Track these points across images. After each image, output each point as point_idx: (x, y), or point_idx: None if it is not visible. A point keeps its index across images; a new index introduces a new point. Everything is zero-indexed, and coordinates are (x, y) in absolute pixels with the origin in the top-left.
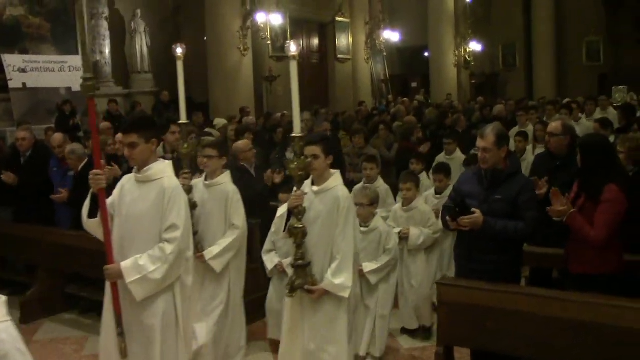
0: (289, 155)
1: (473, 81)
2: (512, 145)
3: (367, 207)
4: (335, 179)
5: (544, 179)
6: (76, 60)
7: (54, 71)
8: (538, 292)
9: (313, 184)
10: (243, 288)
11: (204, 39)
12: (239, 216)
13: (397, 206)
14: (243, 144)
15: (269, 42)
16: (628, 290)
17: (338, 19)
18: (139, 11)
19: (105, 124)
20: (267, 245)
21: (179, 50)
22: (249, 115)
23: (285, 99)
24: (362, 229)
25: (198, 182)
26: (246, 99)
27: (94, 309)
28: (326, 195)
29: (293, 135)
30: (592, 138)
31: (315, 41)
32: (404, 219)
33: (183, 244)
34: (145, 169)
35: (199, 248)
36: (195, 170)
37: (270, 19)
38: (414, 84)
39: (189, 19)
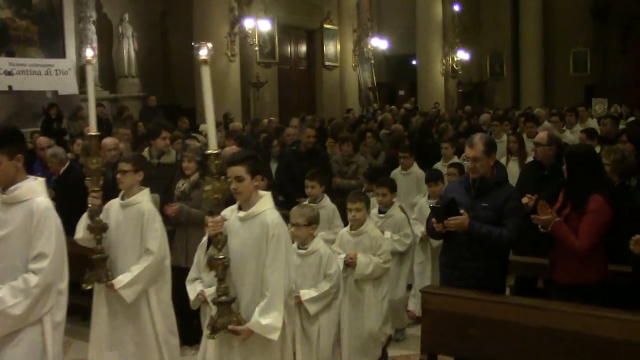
0: (272, 164)
1: (460, 90)
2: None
3: (304, 227)
4: (264, 202)
5: (532, 196)
6: (63, 63)
7: (41, 74)
8: (522, 301)
9: (240, 208)
10: (173, 318)
11: (191, 44)
12: (155, 240)
13: (345, 230)
14: (232, 150)
15: (256, 48)
16: (611, 299)
17: (326, 26)
18: (126, 15)
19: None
20: (191, 273)
21: (89, 53)
22: (232, 121)
23: (272, 105)
24: (300, 251)
25: (114, 201)
26: (233, 105)
27: (77, 313)
28: (253, 222)
29: (208, 152)
30: (579, 148)
31: (303, 48)
32: (352, 244)
33: (51, 275)
34: (11, 188)
35: (109, 275)
36: (182, 175)
37: (258, 25)
38: (401, 92)
39: (176, 24)
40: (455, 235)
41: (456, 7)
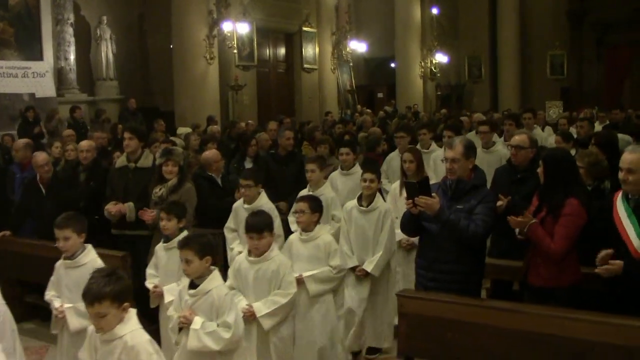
0: (247, 164)
1: (439, 92)
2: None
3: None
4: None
5: (505, 197)
6: (40, 66)
7: (17, 77)
8: (497, 305)
9: None
10: None
11: (170, 47)
12: None
13: (184, 284)
14: (213, 154)
15: (235, 51)
16: (585, 302)
17: (305, 28)
18: (104, 18)
19: (67, 131)
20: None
21: None
22: (216, 124)
23: (251, 108)
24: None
25: None
26: (212, 108)
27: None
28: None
29: None
30: (558, 152)
31: (282, 51)
32: (189, 305)
33: None
34: None
35: None
36: (160, 180)
37: (237, 28)
38: (380, 95)
39: (155, 26)
40: (429, 236)
41: (435, 11)
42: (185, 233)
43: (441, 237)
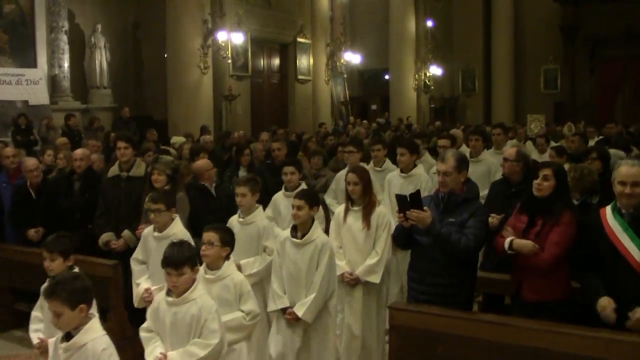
0: (241, 173)
1: (432, 105)
2: None
3: None
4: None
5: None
6: (34, 73)
7: (11, 84)
8: (488, 318)
9: None
10: None
11: (164, 56)
12: None
13: (58, 335)
14: (204, 163)
15: (229, 61)
16: (577, 316)
17: (299, 39)
18: (99, 26)
19: (62, 139)
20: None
21: None
22: (209, 134)
23: (245, 118)
24: None
25: None
26: (205, 118)
27: None
28: None
29: None
30: (561, 165)
31: (276, 61)
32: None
33: None
34: None
35: None
36: (151, 189)
37: (232, 38)
38: (373, 107)
39: (149, 35)
40: (421, 248)
41: (429, 23)
42: (76, 271)
43: (433, 250)
